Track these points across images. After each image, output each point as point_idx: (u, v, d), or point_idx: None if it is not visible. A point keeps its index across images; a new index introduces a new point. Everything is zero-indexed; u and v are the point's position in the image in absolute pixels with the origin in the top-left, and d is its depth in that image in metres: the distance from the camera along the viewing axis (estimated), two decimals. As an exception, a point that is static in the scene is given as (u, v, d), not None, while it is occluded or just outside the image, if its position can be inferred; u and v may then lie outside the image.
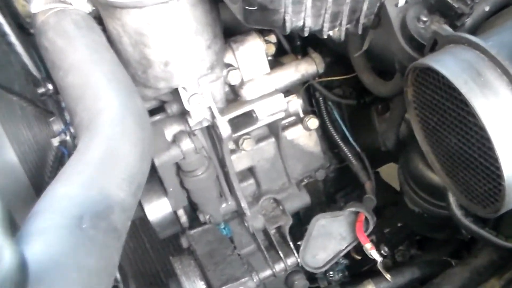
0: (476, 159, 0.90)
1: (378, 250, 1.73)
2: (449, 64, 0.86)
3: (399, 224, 1.77)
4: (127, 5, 1.15)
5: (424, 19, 1.05)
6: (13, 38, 1.45)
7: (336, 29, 1.13)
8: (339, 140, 1.66)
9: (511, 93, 0.82)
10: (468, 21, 1.08)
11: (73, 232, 0.80)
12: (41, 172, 1.11)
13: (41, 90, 1.47)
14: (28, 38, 1.47)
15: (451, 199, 1.26)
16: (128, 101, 1.09)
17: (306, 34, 1.09)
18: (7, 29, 1.43)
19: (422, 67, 0.92)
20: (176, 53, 1.25)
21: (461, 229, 1.32)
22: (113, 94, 1.08)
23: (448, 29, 0.96)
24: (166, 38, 1.21)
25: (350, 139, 1.65)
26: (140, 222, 2.16)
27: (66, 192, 0.88)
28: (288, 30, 1.06)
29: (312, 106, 1.70)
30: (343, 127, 1.65)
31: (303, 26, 1.07)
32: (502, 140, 0.82)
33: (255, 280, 1.52)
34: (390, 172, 1.89)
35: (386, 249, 1.73)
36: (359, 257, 1.81)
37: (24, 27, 1.48)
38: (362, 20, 1.12)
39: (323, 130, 1.70)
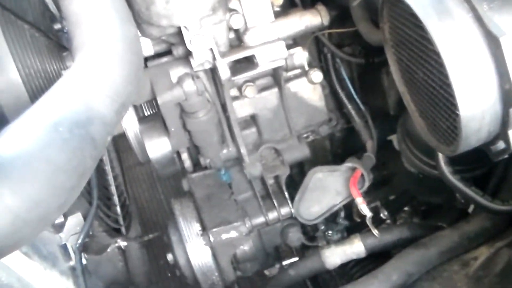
0: (438, 92, 0.90)
1: (378, 213, 1.73)
2: (414, -7, 0.87)
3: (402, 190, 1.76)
4: None
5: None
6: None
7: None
8: (343, 97, 1.66)
9: (471, 20, 0.82)
10: None
11: (48, 132, 0.88)
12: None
13: (57, 26, 1.55)
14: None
15: (440, 155, 1.25)
16: (122, 28, 1.15)
17: None
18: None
19: (389, -2, 0.92)
20: (177, -9, 1.29)
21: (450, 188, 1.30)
22: (108, 21, 1.14)
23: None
24: (166, -27, 1.25)
25: (355, 97, 1.64)
26: (158, 175, 2.23)
27: (52, 101, 0.96)
28: None
29: (321, 62, 1.71)
30: (349, 85, 1.65)
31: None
32: (457, 66, 0.82)
33: (247, 226, 1.56)
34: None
35: (386, 213, 1.72)
36: (359, 220, 1.82)
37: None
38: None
39: (330, 88, 1.70)
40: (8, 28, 1.26)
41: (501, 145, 0.89)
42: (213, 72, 1.51)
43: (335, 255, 1.52)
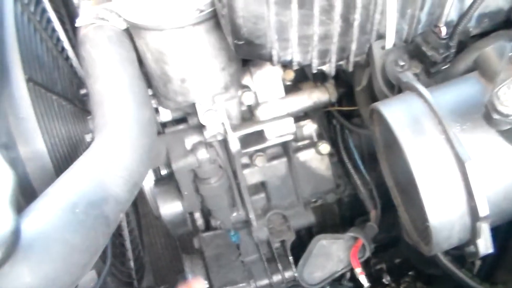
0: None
1: (380, 277, 1.79)
2: (394, 109, 0.95)
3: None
4: (148, 27, 1.31)
5: (402, 63, 1.13)
6: (66, 44, 1.67)
7: (327, 65, 1.23)
8: (350, 167, 1.74)
9: (444, 141, 0.89)
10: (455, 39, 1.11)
11: (66, 214, 0.98)
12: (70, 163, 1.29)
13: (83, 91, 1.68)
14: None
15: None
16: (138, 111, 1.26)
17: (295, 68, 1.20)
18: (62, 36, 1.65)
19: (374, 109, 1.01)
20: (192, 72, 1.40)
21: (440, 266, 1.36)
22: (126, 104, 1.26)
23: (409, 76, 1.04)
24: (182, 58, 1.36)
25: (361, 168, 1.71)
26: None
27: (71, 181, 1.07)
28: (276, 63, 1.18)
29: (331, 132, 1.79)
30: (356, 156, 1.72)
31: (291, 61, 1.18)
32: (427, 182, 0.89)
33: (252, 287, 1.63)
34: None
35: (388, 278, 1.78)
36: (364, 282, 1.87)
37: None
38: (352, 58, 1.21)
39: (339, 156, 1.78)
40: (38, 102, 1.37)
41: (473, 248, 0.96)
42: (225, 141, 1.60)
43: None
